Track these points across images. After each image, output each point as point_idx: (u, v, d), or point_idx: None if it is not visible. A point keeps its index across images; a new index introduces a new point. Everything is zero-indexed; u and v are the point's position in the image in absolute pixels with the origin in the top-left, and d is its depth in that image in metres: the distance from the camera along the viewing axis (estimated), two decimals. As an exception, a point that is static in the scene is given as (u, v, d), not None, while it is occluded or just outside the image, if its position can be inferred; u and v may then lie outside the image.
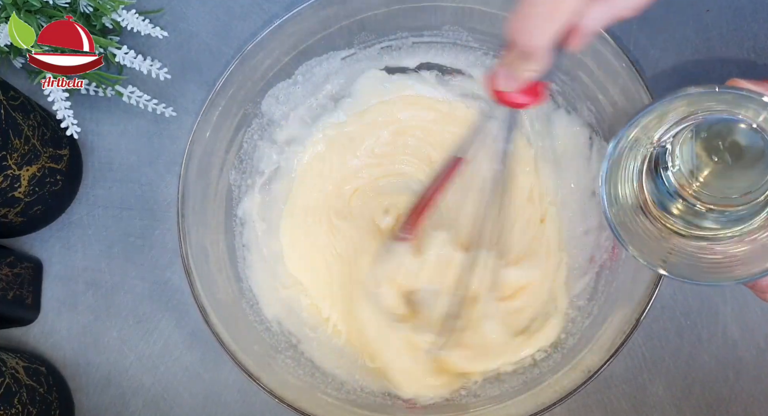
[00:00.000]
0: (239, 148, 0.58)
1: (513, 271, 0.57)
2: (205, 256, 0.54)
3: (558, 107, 0.59)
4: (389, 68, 0.61)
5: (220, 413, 0.60)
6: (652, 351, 0.58)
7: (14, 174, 0.55)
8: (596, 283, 0.56)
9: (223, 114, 0.55)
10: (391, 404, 0.55)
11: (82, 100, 0.63)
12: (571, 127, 0.59)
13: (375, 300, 0.56)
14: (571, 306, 0.56)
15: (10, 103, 0.54)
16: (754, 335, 0.58)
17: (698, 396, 0.58)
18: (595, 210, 0.58)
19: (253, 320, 0.56)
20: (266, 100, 0.58)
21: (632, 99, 0.52)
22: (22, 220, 0.59)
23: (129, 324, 0.61)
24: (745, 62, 0.62)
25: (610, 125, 0.55)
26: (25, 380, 0.55)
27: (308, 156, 0.62)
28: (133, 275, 0.62)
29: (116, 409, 0.61)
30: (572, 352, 0.53)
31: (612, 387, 0.58)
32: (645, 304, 0.48)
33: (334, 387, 0.55)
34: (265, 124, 0.59)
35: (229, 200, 0.58)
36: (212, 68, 0.64)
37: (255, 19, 0.65)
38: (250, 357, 0.51)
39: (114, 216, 0.63)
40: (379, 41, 0.59)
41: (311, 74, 0.59)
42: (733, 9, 0.63)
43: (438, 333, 0.54)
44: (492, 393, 0.54)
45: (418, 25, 0.58)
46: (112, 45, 0.58)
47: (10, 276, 0.59)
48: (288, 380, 0.53)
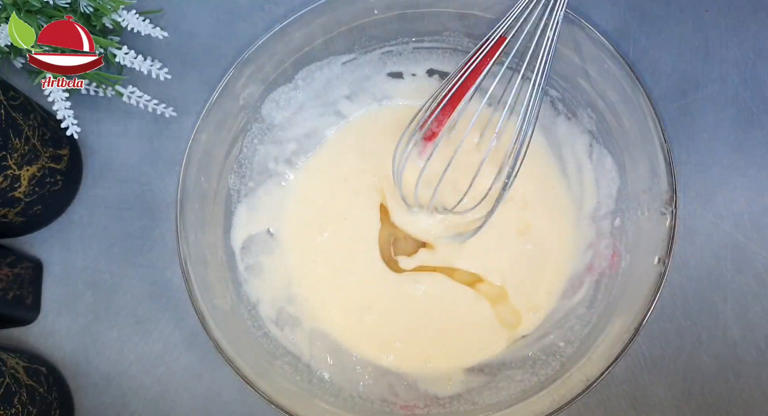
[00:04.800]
0: (239, 152, 0.58)
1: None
2: (204, 261, 0.54)
3: (558, 114, 0.59)
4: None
5: (220, 413, 0.60)
6: (652, 351, 0.58)
7: (14, 174, 0.55)
8: (595, 291, 0.56)
9: (223, 118, 0.55)
10: (388, 410, 0.55)
11: (82, 100, 0.63)
12: (572, 134, 0.59)
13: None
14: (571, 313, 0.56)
15: (11, 103, 0.54)
16: (754, 335, 0.58)
17: (698, 396, 0.58)
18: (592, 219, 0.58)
19: (251, 325, 0.56)
20: (266, 105, 0.58)
21: (632, 105, 0.52)
22: (22, 220, 0.59)
23: (129, 324, 0.61)
24: (745, 62, 0.63)
25: (610, 131, 0.55)
26: (25, 380, 0.55)
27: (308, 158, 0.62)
28: (133, 275, 0.62)
29: (116, 409, 0.61)
30: (571, 361, 0.53)
31: (612, 387, 0.58)
32: (644, 313, 0.48)
33: (331, 394, 0.55)
34: (265, 129, 0.59)
35: (228, 204, 0.58)
36: (212, 68, 0.64)
37: (255, 20, 0.65)
38: (248, 363, 0.51)
39: (114, 216, 0.63)
40: (380, 46, 0.59)
41: (312, 79, 0.59)
42: (732, 9, 0.63)
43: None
44: (489, 401, 0.54)
45: (419, 30, 0.58)
46: (112, 45, 0.58)
47: (10, 276, 0.59)
48: (285, 386, 0.53)
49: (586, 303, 0.56)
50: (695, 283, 0.59)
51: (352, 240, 0.61)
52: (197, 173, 0.54)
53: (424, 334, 0.59)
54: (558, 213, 0.60)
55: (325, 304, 0.60)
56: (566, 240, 0.59)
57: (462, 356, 0.58)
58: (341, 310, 0.60)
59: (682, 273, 0.59)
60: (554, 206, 0.60)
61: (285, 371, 0.55)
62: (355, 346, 0.59)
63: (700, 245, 0.60)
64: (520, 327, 0.58)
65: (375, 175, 0.61)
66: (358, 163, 0.62)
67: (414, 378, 0.58)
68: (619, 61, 0.51)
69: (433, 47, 0.59)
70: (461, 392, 0.56)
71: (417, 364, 0.58)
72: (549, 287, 0.59)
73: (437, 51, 0.60)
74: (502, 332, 0.58)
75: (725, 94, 0.62)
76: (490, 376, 0.56)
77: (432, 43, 0.59)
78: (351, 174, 0.62)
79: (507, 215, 0.60)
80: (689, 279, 0.59)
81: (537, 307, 0.59)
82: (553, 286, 0.59)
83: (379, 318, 0.59)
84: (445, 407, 0.55)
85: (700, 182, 0.61)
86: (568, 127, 0.59)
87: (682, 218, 0.60)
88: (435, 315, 0.59)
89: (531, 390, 0.52)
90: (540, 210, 0.60)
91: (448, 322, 0.59)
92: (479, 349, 0.58)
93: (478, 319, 0.59)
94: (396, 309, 0.59)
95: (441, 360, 0.58)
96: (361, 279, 0.60)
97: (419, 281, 0.60)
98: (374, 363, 0.58)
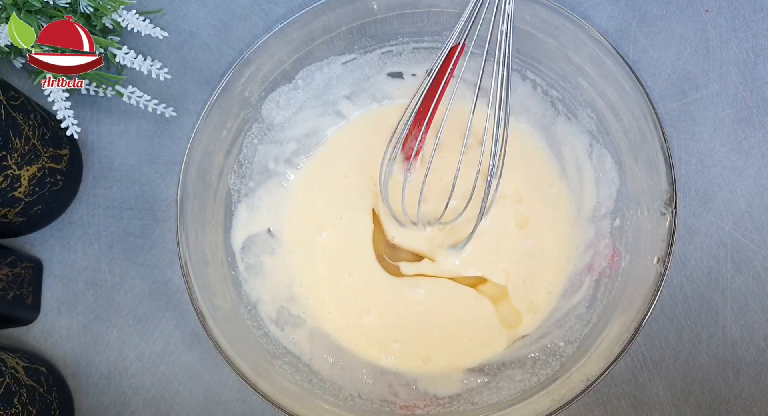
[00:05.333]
0: (239, 152, 0.58)
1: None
2: (204, 261, 0.54)
3: (558, 114, 0.59)
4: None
5: (220, 413, 0.60)
6: (652, 351, 0.59)
7: (14, 174, 0.55)
8: (595, 291, 0.56)
9: (223, 118, 0.55)
10: (388, 410, 0.55)
11: (82, 100, 0.63)
12: (572, 134, 0.59)
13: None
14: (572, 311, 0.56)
15: (11, 103, 0.54)
16: (753, 335, 0.58)
17: (698, 396, 0.58)
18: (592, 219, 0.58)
19: (251, 325, 0.56)
20: (266, 104, 0.58)
21: (632, 105, 0.52)
22: (22, 220, 0.59)
23: (129, 324, 0.61)
24: (745, 62, 0.63)
25: (610, 132, 0.55)
26: (25, 380, 0.55)
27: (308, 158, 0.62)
28: (133, 275, 0.62)
29: (116, 409, 0.61)
30: (571, 361, 0.53)
31: (612, 386, 0.58)
32: (644, 313, 0.48)
33: (331, 394, 0.55)
34: (265, 129, 0.59)
35: (228, 204, 0.58)
36: (212, 68, 0.64)
37: (255, 20, 0.65)
38: (248, 363, 0.51)
39: (114, 216, 0.63)
40: (380, 46, 0.59)
41: (312, 79, 0.59)
42: (732, 9, 0.63)
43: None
44: (489, 401, 0.54)
45: (419, 30, 0.58)
46: (113, 45, 0.58)
47: (10, 276, 0.59)
48: (285, 386, 0.53)
49: (586, 303, 0.56)
50: (695, 283, 0.59)
51: (349, 241, 0.61)
52: (197, 173, 0.54)
53: (424, 335, 0.59)
54: (557, 213, 0.60)
55: (325, 305, 0.60)
56: (566, 240, 0.59)
57: (462, 356, 0.58)
58: (340, 311, 0.60)
59: (681, 273, 0.59)
60: (554, 206, 0.60)
61: (285, 371, 0.55)
62: (355, 347, 0.59)
63: (699, 245, 0.60)
64: (520, 327, 0.58)
65: (373, 176, 0.61)
66: (357, 163, 0.62)
67: (414, 378, 0.58)
68: (619, 61, 0.51)
69: (433, 47, 0.59)
70: (461, 392, 0.56)
71: (417, 364, 0.58)
72: (549, 287, 0.59)
73: (437, 51, 0.59)
74: (503, 332, 0.58)
75: (725, 94, 0.62)
76: (490, 376, 0.56)
77: (432, 43, 0.59)
78: (350, 174, 0.62)
79: (505, 212, 0.60)
80: (689, 279, 0.59)
81: (537, 307, 0.59)
82: (553, 286, 0.59)
83: (379, 319, 0.59)
84: (445, 407, 0.55)
85: (700, 182, 0.61)
86: (568, 127, 0.59)
87: (682, 218, 0.60)
88: (435, 317, 0.59)
89: (531, 390, 0.52)
90: (539, 210, 0.60)
91: (448, 323, 0.59)
92: (479, 349, 0.58)
93: (480, 319, 0.59)
94: (395, 312, 0.59)
95: (441, 360, 0.58)
96: (360, 280, 0.60)
97: (419, 285, 0.60)
98: (374, 363, 0.58)
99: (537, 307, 0.59)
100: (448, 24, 0.57)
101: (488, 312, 0.59)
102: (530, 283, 0.59)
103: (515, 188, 0.60)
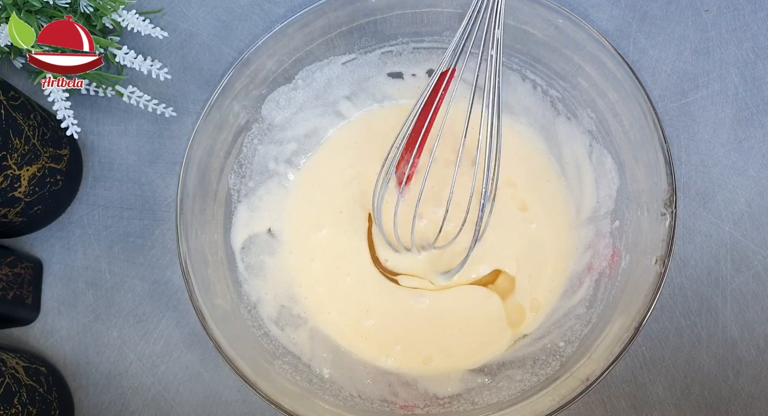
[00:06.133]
0: (239, 152, 0.58)
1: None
2: (204, 261, 0.54)
3: (558, 114, 0.59)
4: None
5: (220, 413, 0.60)
6: (652, 351, 0.59)
7: (14, 174, 0.55)
8: (595, 291, 0.56)
9: (223, 118, 0.55)
10: (388, 410, 0.55)
11: (82, 100, 0.63)
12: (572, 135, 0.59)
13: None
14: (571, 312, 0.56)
15: (11, 103, 0.54)
16: (753, 335, 0.58)
17: (698, 396, 0.58)
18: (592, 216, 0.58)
19: (251, 325, 0.56)
20: (266, 105, 0.58)
21: (632, 105, 0.52)
22: (22, 220, 0.59)
23: (129, 324, 0.61)
24: (745, 62, 0.63)
25: (610, 131, 0.55)
26: (25, 380, 0.55)
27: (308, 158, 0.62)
28: (133, 275, 0.62)
29: (116, 409, 0.61)
30: (571, 360, 0.53)
31: (612, 386, 0.58)
32: (644, 313, 0.48)
33: (331, 394, 0.55)
34: (265, 129, 0.59)
35: (228, 204, 0.58)
36: (212, 68, 0.64)
37: (255, 20, 0.65)
38: (248, 363, 0.51)
39: (114, 216, 0.63)
40: (380, 46, 0.59)
41: (312, 79, 0.59)
42: (732, 9, 0.63)
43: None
44: (489, 401, 0.54)
45: (419, 30, 0.58)
46: (113, 45, 0.58)
47: (10, 276, 0.59)
48: (285, 386, 0.53)
49: (586, 303, 0.56)
50: (695, 283, 0.59)
51: (346, 241, 0.61)
52: (197, 173, 0.54)
53: (426, 338, 0.59)
54: (557, 212, 0.60)
55: (325, 306, 0.60)
56: (566, 239, 0.59)
57: (465, 357, 0.58)
58: (340, 312, 0.59)
59: (681, 273, 0.60)
60: (554, 206, 0.60)
61: (285, 371, 0.55)
62: (355, 348, 0.59)
63: (699, 245, 0.60)
64: (522, 325, 0.58)
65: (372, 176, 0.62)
66: (357, 163, 0.62)
67: (414, 378, 0.58)
68: (619, 61, 0.51)
69: (433, 47, 0.59)
70: (461, 392, 0.56)
71: (417, 365, 0.58)
72: (550, 285, 0.59)
73: (437, 51, 0.60)
74: (507, 331, 0.58)
75: (725, 93, 0.62)
76: (490, 376, 0.56)
77: (432, 43, 0.59)
78: (350, 174, 0.62)
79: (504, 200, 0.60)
80: (689, 279, 0.59)
81: (538, 306, 0.59)
82: (554, 285, 0.59)
83: (379, 323, 0.59)
84: (445, 407, 0.55)
85: (700, 182, 0.61)
86: (568, 127, 0.59)
87: (682, 218, 0.60)
88: (440, 321, 0.59)
89: (531, 390, 0.52)
90: (539, 209, 0.60)
91: (453, 326, 0.59)
92: (483, 350, 0.58)
93: (487, 318, 0.58)
94: (397, 316, 0.59)
95: (442, 361, 0.58)
96: (358, 282, 0.60)
97: (423, 294, 0.59)
98: (374, 364, 0.58)
99: (539, 306, 0.59)
100: (448, 24, 0.57)
101: (496, 310, 0.59)
102: (534, 279, 0.59)
103: (514, 186, 0.60)
